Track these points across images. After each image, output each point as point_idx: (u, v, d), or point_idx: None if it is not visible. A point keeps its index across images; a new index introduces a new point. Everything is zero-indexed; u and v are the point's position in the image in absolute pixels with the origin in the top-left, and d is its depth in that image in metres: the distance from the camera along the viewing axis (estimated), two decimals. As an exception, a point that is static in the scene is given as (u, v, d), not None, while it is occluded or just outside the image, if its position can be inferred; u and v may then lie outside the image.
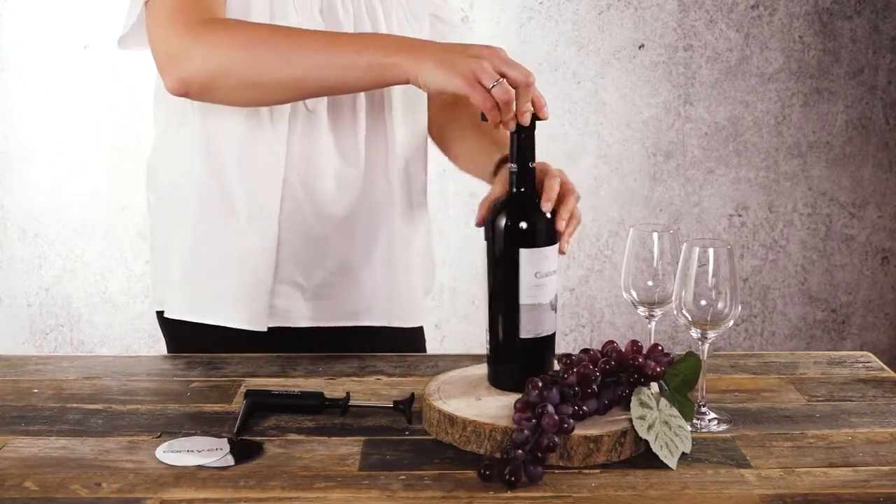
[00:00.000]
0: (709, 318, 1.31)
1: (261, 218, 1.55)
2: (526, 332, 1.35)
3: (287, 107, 1.53)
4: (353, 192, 1.59)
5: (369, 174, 1.59)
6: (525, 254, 1.34)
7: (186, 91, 1.45)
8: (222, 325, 1.59)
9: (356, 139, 1.58)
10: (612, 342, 1.35)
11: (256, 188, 1.55)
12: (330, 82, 1.43)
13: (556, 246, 1.36)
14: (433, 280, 1.76)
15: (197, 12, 1.44)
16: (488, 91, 1.32)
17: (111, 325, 3.38)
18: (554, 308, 1.36)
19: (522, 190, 1.36)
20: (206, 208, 1.57)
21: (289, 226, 1.57)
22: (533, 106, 1.35)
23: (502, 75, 1.33)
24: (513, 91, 1.33)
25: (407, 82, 1.39)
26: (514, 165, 1.36)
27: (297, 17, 1.51)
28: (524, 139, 1.35)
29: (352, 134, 1.57)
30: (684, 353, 1.35)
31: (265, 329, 1.59)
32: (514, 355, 1.37)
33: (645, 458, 1.25)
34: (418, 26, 1.63)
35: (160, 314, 1.67)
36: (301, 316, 1.62)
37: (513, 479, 1.17)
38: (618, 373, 1.29)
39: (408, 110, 1.62)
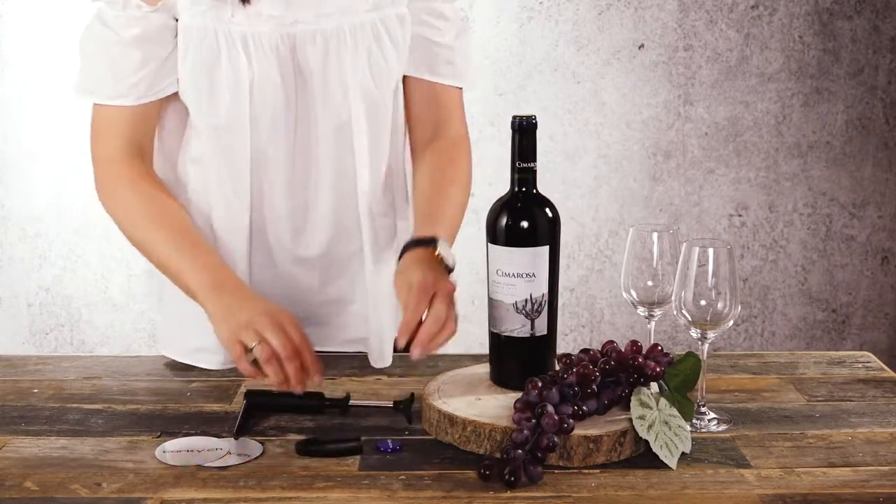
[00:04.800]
0: (709, 318, 1.31)
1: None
2: (493, 326, 1.38)
3: (248, 173, 1.52)
4: (324, 235, 1.57)
5: (338, 218, 1.57)
6: (494, 250, 1.36)
7: None
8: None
9: (320, 184, 1.56)
10: (612, 342, 1.35)
11: (226, 247, 1.54)
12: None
13: (537, 249, 1.35)
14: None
15: (104, 149, 1.51)
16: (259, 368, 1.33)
17: (111, 325, 3.38)
18: (521, 311, 1.36)
19: (524, 190, 1.37)
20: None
21: (262, 276, 1.57)
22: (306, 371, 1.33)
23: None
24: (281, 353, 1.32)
25: None
26: (515, 165, 1.36)
27: (254, 64, 1.46)
28: (525, 140, 1.36)
29: (315, 180, 1.56)
30: (684, 353, 1.35)
31: None
32: (491, 347, 1.40)
33: (645, 458, 1.25)
34: (395, 53, 1.56)
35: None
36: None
37: (513, 479, 1.17)
38: (618, 373, 1.29)
39: (373, 157, 1.57)
